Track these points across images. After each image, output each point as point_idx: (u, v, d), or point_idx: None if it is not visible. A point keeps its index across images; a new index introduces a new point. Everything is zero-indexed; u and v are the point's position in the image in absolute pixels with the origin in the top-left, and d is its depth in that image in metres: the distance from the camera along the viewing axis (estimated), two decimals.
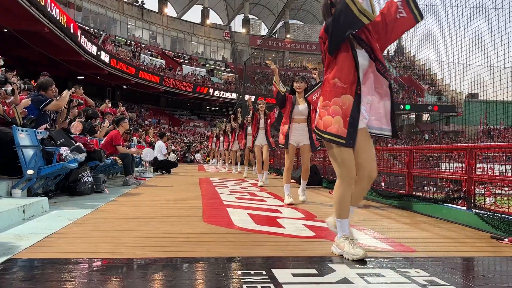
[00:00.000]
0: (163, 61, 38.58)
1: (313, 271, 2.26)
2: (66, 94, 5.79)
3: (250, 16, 52.00)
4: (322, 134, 2.66)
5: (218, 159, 17.27)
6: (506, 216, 3.51)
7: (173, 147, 19.42)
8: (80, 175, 5.51)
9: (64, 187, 5.48)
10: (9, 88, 4.90)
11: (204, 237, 3.13)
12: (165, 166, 11.76)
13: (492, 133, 34.14)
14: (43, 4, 17.20)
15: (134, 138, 12.69)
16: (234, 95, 37.25)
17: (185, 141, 29.35)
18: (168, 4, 45.72)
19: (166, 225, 3.56)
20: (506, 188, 4.22)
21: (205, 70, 41.92)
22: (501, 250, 2.96)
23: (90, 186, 5.62)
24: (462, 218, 4.06)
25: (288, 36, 50.85)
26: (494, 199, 3.96)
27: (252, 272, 2.19)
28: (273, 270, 2.23)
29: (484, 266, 2.68)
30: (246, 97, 9.41)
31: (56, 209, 4.18)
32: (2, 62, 7.90)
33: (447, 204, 4.37)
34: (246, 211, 4.43)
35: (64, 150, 4.94)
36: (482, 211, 3.79)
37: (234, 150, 13.18)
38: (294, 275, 2.16)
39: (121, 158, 7.38)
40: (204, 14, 47.77)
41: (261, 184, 7.83)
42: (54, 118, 5.94)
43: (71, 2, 34.23)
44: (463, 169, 4.28)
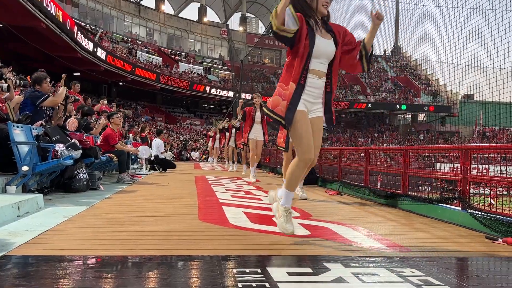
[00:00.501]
0: (160, 58, 38.49)
1: (308, 270, 2.26)
2: (63, 90, 5.77)
3: (248, 14, 51.95)
4: (269, 113, 2.98)
5: (214, 157, 17.28)
6: (501, 217, 3.53)
7: (171, 144, 19.36)
8: (76, 172, 5.50)
9: (59, 184, 5.46)
10: (5, 85, 4.87)
11: (200, 235, 3.13)
12: (164, 165, 11.74)
13: (487, 134, 34.30)
14: (40, 0, 17.09)
15: (130, 136, 12.67)
16: (231, 93, 37.20)
17: (181, 139, 29.30)
18: (165, 1, 45.63)
19: (161, 223, 3.55)
20: (501, 189, 4.25)
21: (202, 68, 41.84)
22: (495, 251, 2.98)
23: (86, 183, 5.60)
24: (457, 218, 4.08)
25: None
26: (501, 202, 3.94)
27: (247, 271, 2.19)
28: (268, 269, 2.23)
29: (478, 266, 2.70)
30: (241, 99, 9.39)
31: (51, 206, 4.16)
32: None
33: (442, 204, 4.39)
34: (242, 210, 4.43)
35: (60, 147, 4.93)
36: (477, 212, 3.81)
37: (231, 146, 13.19)
38: (289, 274, 2.17)
39: (117, 155, 7.36)
40: (201, 12, 47.67)
41: (254, 180, 7.86)
42: (50, 115, 5.91)
43: None
44: (458, 170, 4.30)
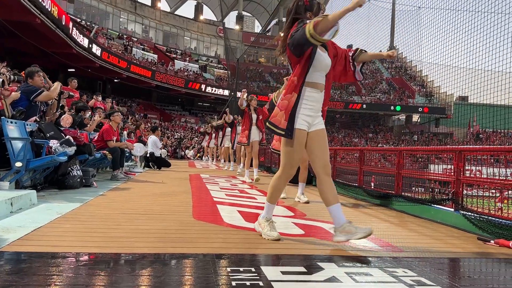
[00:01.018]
0: (155, 56, 38.33)
1: (302, 269, 2.27)
2: (57, 86, 5.73)
3: (244, 13, 51.84)
4: (270, 126, 3.02)
5: (210, 156, 17.27)
6: (493, 218, 3.56)
7: (165, 143, 19.31)
8: (69, 169, 5.47)
9: (53, 180, 5.43)
10: None
11: (194, 234, 3.13)
12: (160, 163, 11.71)
13: (481, 136, 34.53)
14: None
15: (125, 133, 12.62)
16: (226, 92, 37.15)
17: (176, 137, 29.22)
18: None
19: (155, 221, 3.54)
20: (493, 191, 4.28)
21: (198, 66, 41.74)
22: (487, 252, 3.00)
23: (79, 180, 5.58)
24: (450, 220, 4.11)
25: (282, 34, 50.75)
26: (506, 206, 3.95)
27: (241, 269, 2.20)
28: (262, 268, 2.23)
29: (470, 267, 2.72)
30: (240, 93, 9.35)
31: (45, 203, 4.14)
32: None
33: (435, 205, 4.42)
34: (236, 208, 4.43)
35: (54, 143, 4.90)
36: (470, 213, 3.84)
37: (227, 147, 13.17)
38: (283, 273, 2.17)
39: (110, 153, 7.34)
40: (198, 10, 47.55)
41: (249, 181, 7.85)
42: (44, 110, 5.87)
43: None
44: (452, 171, 4.33)
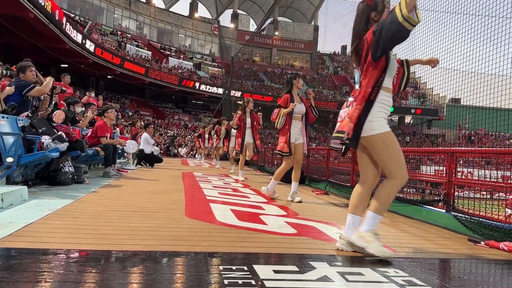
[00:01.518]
0: (149, 53, 38.17)
1: (294, 268, 2.27)
2: (50, 81, 5.67)
3: (239, 11, 51.77)
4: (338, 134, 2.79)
5: (203, 155, 17.28)
6: (484, 220, 3.59)
7: (158, 140, 19.21)
8: (61, 165, 5.43)
9: (44, 177, 5.39)
10: None
11: (186, 232, 3.12)
12: (150, 160, 11.65)
13: (473, 138, 34.80)
14: None
15: (117, 130, 12.55)
16: (220, 90, 37.06)
17: (169, 134, 29.13)
18: None
19: (147, 218, 3.53)
20: (484, 193, 4.31)
21: (192, 64, 41.62)
22: (478, 253, 3.03)
23: (71, 176, 5.54)
24: (441, 221, 4.14)
25: (277, 34, 50.82)
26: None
27: (234, 268, 2.19)
28: (255, 266, 2.23)
29: (461, 268, 2.74)
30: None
31: (36, 199, 4.11)
32: None
33: (427, 206, 4.45)
34: (229, 207, 4.42)
35: (46, 139, 4.86)
36: (461, 214, 3.87)
37: (219, 147, 13.25)
38: (275, 272, 2.18)
39: (103, 149, 7.29)
40: (193, 7, 47.39)
41: (243, 179, 7.87)
42: (37, 106, 5.82)
43: None
44: (444, 172, 4.36)
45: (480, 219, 3.63)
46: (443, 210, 4.18)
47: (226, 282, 1.96)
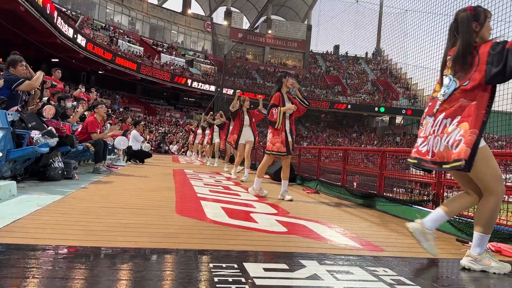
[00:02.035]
0: (141, 49, 37.93)
1: (284, 266, 2.28)
2: (40, 75, 5.60)
3: (232, 9, 51.63)
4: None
5: (194, 151, 17.23)
6: (471, 220, 3.63)
7: (148, 137, 19.14)
8: (51, 160, 5.39)
9: (34, 172, 5.34)
10: None
11: (176, 229, 3.11)
12: (139, 156, 11.59)
13: None
14: None
15: (108, 125, 12.47)
16: (213, 88, 36.99)
17: (160, 131, 29.01)
18: None
19: (137, 215, 3.52)
20: None
21: (184, 61, 41.45)
22: (465, 253, 3.05)
23: (61, 172, 5.50)
24: None
25: (270, 32, 50.80)
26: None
27: (224, 266, 2.19)
28: (245, 264, 2.24)
29: (448, 268, 2.77)
30: (238, 89, 9.23)
31: (24, 194, 4.07)
32: None
33: (416, 206, 4.49)
34: (220, 205, 4.42)
35: (35, 134, 4.81)
36: None
37: (212, 144, 13.15)
38: (266, 270, 2.18)
39: (93, 145, 7.24)
40: (186, 4, 47.14)
41: (235, 177, 7.86)
42: (26, 100, 5.75)
43: None
44: (433, 173, 4.39)
45: (468, 220, 3.67)
46: (432, 210, 4.22)
47: (216, 280, 1.96)
